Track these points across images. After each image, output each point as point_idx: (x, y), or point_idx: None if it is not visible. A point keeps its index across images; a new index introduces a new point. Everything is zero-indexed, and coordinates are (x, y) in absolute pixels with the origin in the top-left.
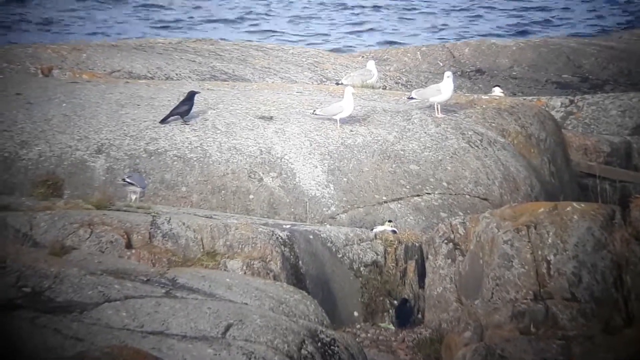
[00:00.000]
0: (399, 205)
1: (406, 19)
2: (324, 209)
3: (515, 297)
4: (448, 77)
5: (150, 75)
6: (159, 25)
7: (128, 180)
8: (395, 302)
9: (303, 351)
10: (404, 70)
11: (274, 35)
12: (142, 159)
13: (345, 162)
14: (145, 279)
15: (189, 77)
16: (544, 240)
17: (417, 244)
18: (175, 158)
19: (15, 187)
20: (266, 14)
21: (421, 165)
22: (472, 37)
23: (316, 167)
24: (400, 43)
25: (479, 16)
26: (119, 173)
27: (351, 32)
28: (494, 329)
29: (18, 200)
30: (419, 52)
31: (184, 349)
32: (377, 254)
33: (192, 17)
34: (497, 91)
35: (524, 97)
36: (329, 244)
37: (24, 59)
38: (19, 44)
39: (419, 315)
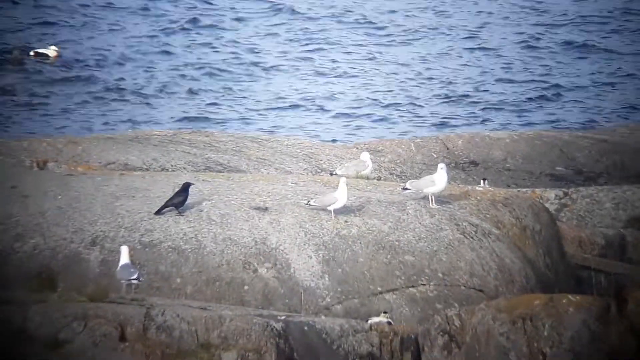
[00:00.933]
0: (394, 296)
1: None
2: (319, 300)
3: None
4: (441, 168)
5: (145, 167)
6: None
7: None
8: None
9: None
10: (398, 161)
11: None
12: (137, 250)
13: (340, 253)
14: None
15: (184, 168)
16: (539, 333)
17: (412, 336)
18: (170, 249)
19: (9, 280)
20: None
21: (416, 256)
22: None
23: (311, 257)
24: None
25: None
26: (114, 265)
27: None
28: None
29: (12, 293)
30: (412, 144)
31: None
32: (373, 346)
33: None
34: (482, 184)
35: (518, 189)
36: (323, 336)
37: (19, 152)
38: (14, 137)
39: None
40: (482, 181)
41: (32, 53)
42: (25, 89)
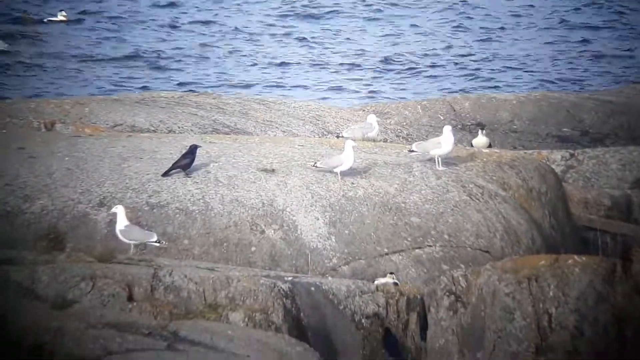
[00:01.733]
0: (401, 257)
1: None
2: (326, 261)
3: (517, 350)
4: (448, 130)
5: (152, 129)
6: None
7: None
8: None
9: None
10: (404, 123)
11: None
12: (144, 211)
13: (346, 215)
14: (146, 332)
15: (191, 130)
16: (545, 293)
17: (418, 296)
18: (178, 211)
19: (18, 241)
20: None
21: (422, 218)
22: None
23: (318, 219)
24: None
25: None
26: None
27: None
28: None
29: (20, 254)
30: (419, 106)
31: None
32: (379, 306)
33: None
34: (480, 134)
35: (525, 151)
36: (330, 296)
37: (26, 114)
38: (22, 98)
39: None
40: (479, 131)
41: (45, 20)
42: (35, 52)
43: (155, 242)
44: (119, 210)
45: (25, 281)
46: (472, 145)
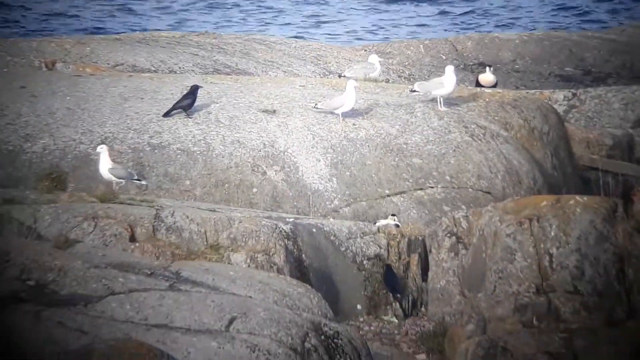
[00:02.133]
0: (402, 199)
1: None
2: (327, 203)
3: (517, 290)
4: (450, 71)
5: (153, 69)
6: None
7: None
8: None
9: (306, 344)
10: (406, 63)
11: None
12: (146, 152)
13: (348, 156)
14: (149, 272)
15: (192, 70)
16: (546, 234)
17: (420, 238)
18: (179, 151)
19: (20, 181)
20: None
21: (424, 159)
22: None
23: (319, 160)
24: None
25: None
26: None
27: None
28: (496, 322)
29: (22, 193)
30: (421, 46)
31: (187, 342)
32: (380, 248)
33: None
34: (488, 71)
35: (527, 91)
36: (332, 238)
37: (28, 53)
38: (23, 37)
39: (422, 308)
40: (487, 67)
41: None
42: None
43: (137, 180)
44: (103, 151)
45: (27, 220)
46: (477, 82)
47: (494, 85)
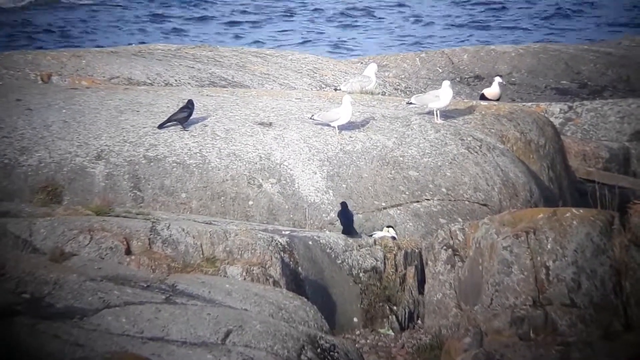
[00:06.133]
0: (398, 211)
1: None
2: (323, 215)
3: (514, 303)
4: (447, 85)
5: (149, 82)
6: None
7: None
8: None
9: (302, 357)
10: (403, 76)
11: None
12: (142, 165)
13: (344, 168)
14: (145, 285)
15: (188, 83)
16: (543, 246)
17: (416, 250)
18: (175, 164)
19: (15, 194)
20: None
21: (420, 171)
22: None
23: (315, 173)
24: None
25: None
26: (119, 179)
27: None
28: (493, 334)
29: (18, 206)
30: (417, 59)
31: (184, 355)
32: (377, 260)
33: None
34: (498, 80)
35: (523, 103)
36: (328, 250)
37: (23, 66)
38: (18, 50)
39: (418, 321)
40: (496, 77)
41: None
42: None
43: None
44: None
45: (23, 233)
46: (483, 95)
47: (498, 99)
